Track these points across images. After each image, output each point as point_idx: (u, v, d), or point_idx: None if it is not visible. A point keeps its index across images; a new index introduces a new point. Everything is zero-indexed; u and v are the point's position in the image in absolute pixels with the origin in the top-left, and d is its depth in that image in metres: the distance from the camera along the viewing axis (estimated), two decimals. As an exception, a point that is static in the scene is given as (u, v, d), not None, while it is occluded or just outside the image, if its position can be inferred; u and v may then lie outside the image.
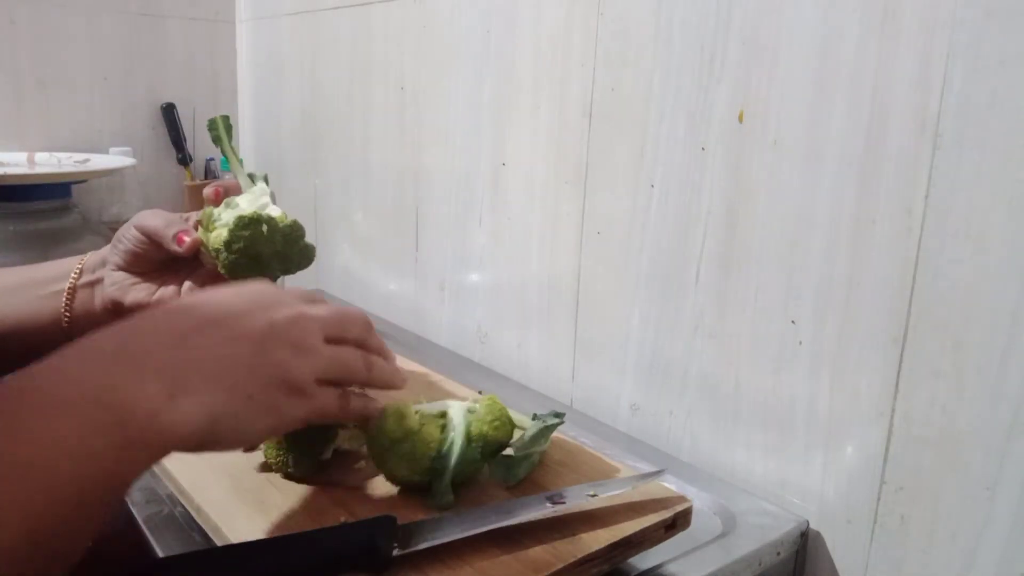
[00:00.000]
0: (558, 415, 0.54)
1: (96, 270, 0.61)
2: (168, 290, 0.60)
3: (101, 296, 0.60)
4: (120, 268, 0.60)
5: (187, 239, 0.58)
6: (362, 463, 0.55)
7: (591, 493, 0.48)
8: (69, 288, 0.59)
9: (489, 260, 0.89)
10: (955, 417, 0.51)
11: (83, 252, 0.63)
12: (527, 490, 0.51)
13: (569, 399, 0.81)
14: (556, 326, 0.81)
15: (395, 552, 0.42)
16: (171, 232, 0.59)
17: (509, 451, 0.52)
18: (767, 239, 0.60)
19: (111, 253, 0.60)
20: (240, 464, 0.54)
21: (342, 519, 0.47)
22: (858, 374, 0.56)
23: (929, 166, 0.50)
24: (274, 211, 0.60)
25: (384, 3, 1.02)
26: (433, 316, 1.00)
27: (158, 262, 0.60)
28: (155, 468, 0.56)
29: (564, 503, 0.47)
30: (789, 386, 0.60)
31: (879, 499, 0.55)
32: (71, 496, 0.31)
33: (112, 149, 1.27)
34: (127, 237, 0.59)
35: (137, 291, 0.59)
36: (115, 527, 0.58)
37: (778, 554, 0.56)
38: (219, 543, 0.47)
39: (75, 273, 0.60)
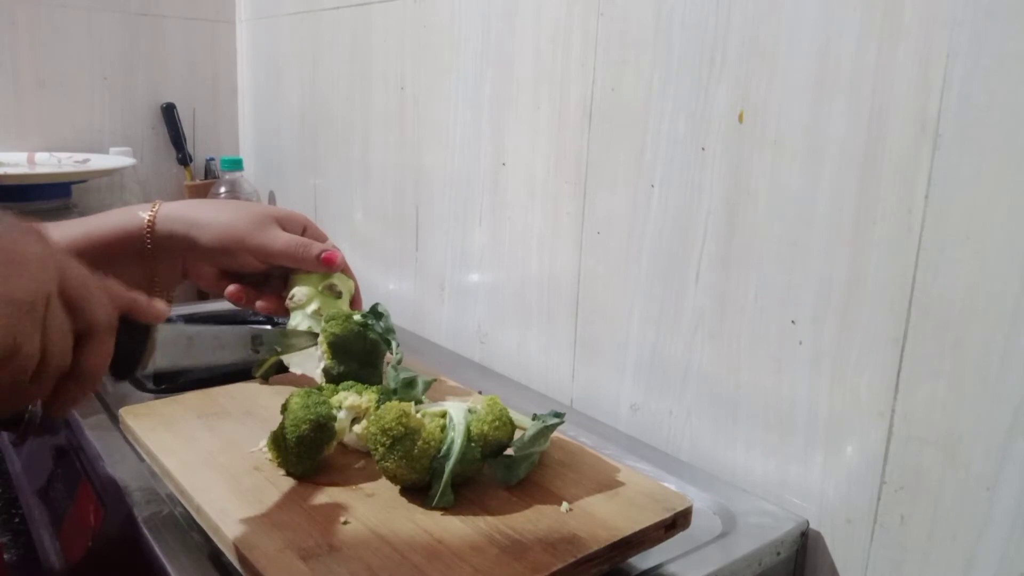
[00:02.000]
0: (558, 415, 0.54)
1: (176, 235, 0.57)
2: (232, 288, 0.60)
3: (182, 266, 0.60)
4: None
5: (337, 256, 0.60)
6: (362, 462, 0.55)
7: None
8: (150, 261, 0.57)
9: (489, 260, 0.89)
10: (955, 417, 0.51)
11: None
12: (527, 490, 0.51)
13: (569, 399, 0.81)
14: (556, 326, 0.81)
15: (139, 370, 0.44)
16: (313, 253, 0.59)
17: (509, 451, 0.52)
18: (767, 239, 0.60)
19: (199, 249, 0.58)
20: (240, 464, 0.54)
21: (342, 519, 0.47)
22: (858, 374, 0.56)
23: (929, 166, 0.50)
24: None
25: (384, 3, 1.02)
26: (433, 316, 1.00)
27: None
28: (155, 468, 0.56)
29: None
30: (789, 386, 0.60)
31: (879, 499, 0.55)
32: None
33: (112, 149, 1.27)
34: (239, 260, 0.58)
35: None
36: (115, 527, 0.58)
37: (778, 554, 0.56)
38: (219, 543, 0.47)
39: (149, 244, 0.57)
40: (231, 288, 0.61)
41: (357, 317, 0.61)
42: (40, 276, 0.36)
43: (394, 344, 0.62)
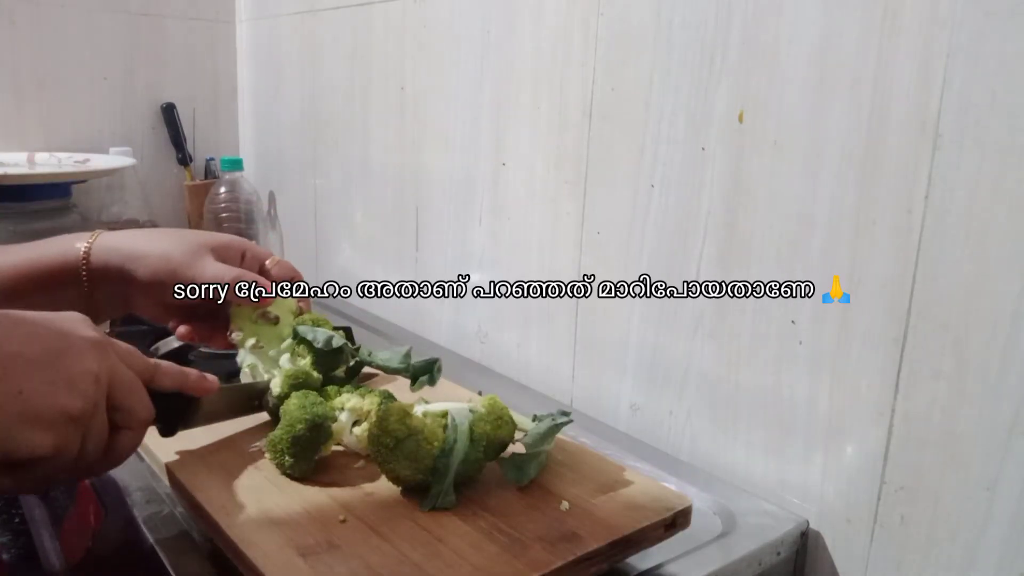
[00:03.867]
0: (565, 413, 0.54)
1: (112, 266, 0.57)
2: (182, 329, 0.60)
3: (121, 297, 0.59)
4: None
5: (264, 286, 0.58)
6: (362, 462, 0.55)
7: None
8: (86, 293, 0.57)
9: (489, 260, 0.89)
10: (955, 417, 0.51)
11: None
12: (533, 491, 0.51)
13: (569, 399, 0.81)
14: (556, 326, 0.81)
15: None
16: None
17: (520, 448, 0.52)
18: (767, 239, 0.60)
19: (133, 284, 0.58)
20: (239, 463, 0.54)
21: (341, 517, 0.47)
22: (858, 374, 0.56)
23: (929, 166, 0.50)
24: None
25: (384, 3, 1.02)
26: (433, 316, 1.00)
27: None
28: (155, 468, 0.56)
29: None
30: (789, 386, 0.60)
31: (879, 499, 0.55)
32: None
33: (112, 149, 1.27)
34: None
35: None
36: (115, 527, 0.58)
37: (778, 554, 0.56)
38: (218, 542, 0.47)
39: (84, 276, 0.57)
40: (181, 330, 0.60)
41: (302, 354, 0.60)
42: (91, 392, 0.40)
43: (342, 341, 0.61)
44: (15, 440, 0.37)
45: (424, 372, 0.60)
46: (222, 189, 1.25)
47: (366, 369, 0.65)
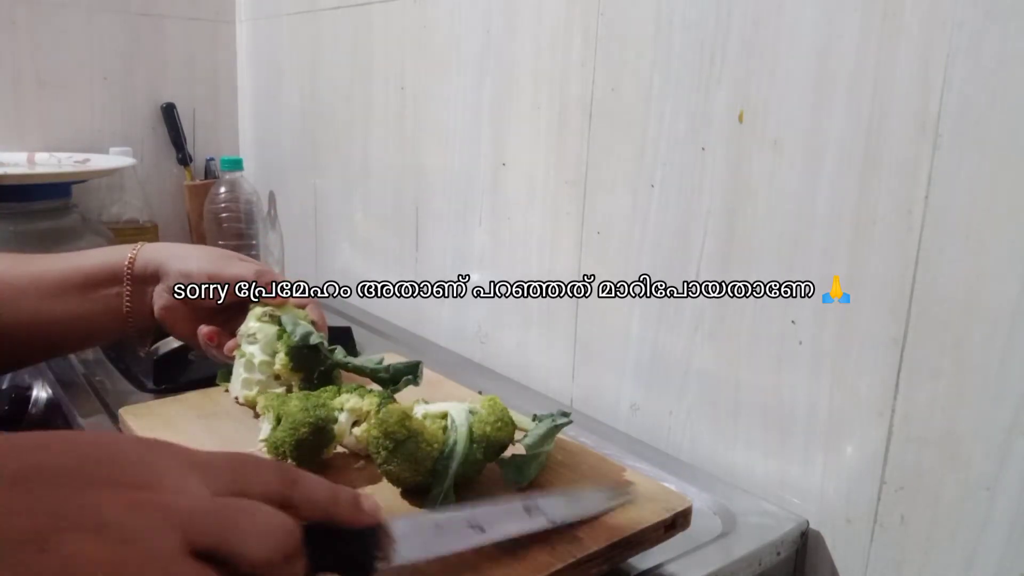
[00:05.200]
0: (565, 414, 0.54)
1: (150, 268, 0.63)
2: (204, 329, 0.63)
3: (153, 301, 0.64)
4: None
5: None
6: (362, 463, 0.55)
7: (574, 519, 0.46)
8: (127, 294, 0.63)
9: (489, 260, 0.89)
10: (955, 417, 0.51)
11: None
12: (527, 490, 0.51)
13: (569, 399, 0.81)
14: (556, 326, 0.81)
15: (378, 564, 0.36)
16: (265, 280, 0.62)
17: (520, 449, 0.52)
18: (767, 239, 0.60)
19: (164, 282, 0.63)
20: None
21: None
22: (858, 374, 0.56)
23: (929, 166, 0.50)
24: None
25: (384, 3, 1.02)
26: (433, 316, 1.00)
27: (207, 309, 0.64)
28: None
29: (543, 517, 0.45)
30: (789, 386, 0.60)
31: (879, 499, 0.55)
32: None
33: (112, 149, 1.27)
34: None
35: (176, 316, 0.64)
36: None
37: (778, 554, 0.56)
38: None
39: (127, 277, 0.63)
40: (206, 329, 0.63)
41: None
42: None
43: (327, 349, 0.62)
44: None
45: (406, 374, 0.60)
46: (222, 189, 1.25)
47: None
